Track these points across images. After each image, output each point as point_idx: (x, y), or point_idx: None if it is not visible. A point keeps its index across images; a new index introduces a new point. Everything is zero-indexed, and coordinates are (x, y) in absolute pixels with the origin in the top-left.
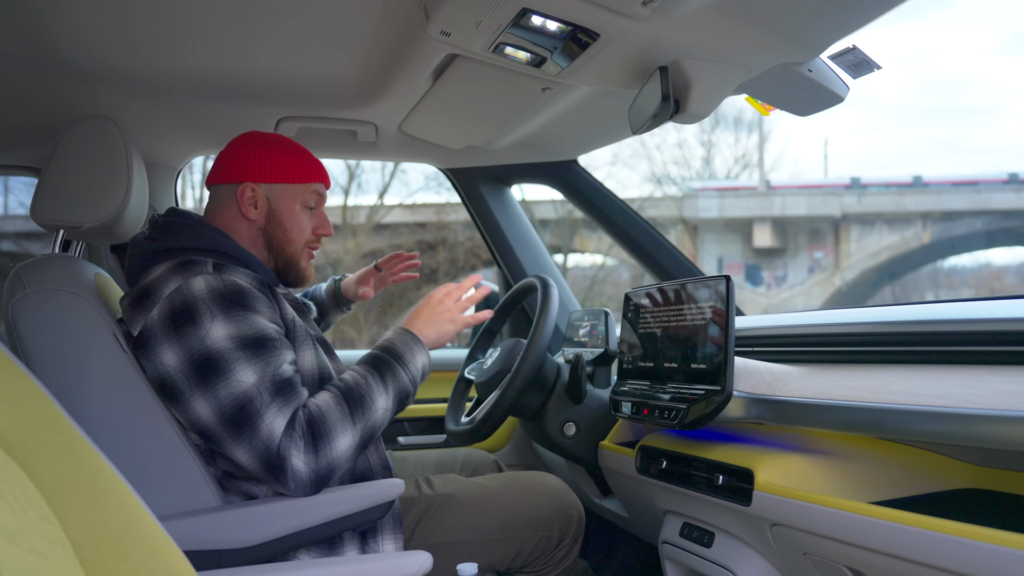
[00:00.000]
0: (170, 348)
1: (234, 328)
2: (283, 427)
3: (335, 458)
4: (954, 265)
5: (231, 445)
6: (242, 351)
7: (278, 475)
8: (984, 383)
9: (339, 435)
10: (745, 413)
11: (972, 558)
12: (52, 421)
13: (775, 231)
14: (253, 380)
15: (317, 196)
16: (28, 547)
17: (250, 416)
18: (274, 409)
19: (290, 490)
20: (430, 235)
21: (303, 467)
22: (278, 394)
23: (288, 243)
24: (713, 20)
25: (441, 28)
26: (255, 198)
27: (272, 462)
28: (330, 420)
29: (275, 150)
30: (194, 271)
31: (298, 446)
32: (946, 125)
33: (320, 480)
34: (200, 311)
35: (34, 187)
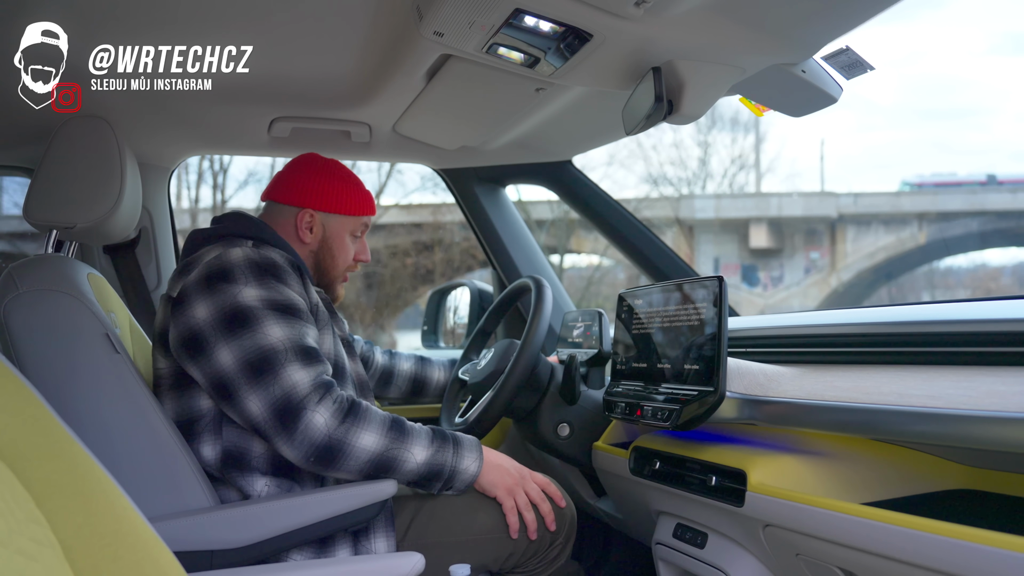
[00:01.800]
0: (202, 303)
1: (265, 292)
2: (309, 382)
3: (353, 443)
4: (950, 266)
5: (247, 393)
6: (271, 311)
7: (288, 424)
8: (976, 384)
9: (369, 431)
10: (738, 414)
11: (964, 559)
12: (42, 422)
13: (771, 232)
14: (280, 336)
15: (364, 227)
16: (17, 549)
17: (272, 365)
18: (297, 366)
19: (293, 444)
20: (426, 236)
21: (323, 426)
22: (303, 356)
23: (333, 268)
24: (706, 21)
25: (434, 28)
26: (312, 224)
27: (288, 410)
28: (370, 416)
29: (339, 182)
30: (234, 244)
31: (328, 407)
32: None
33: (326, 449)
34: (235, 274)
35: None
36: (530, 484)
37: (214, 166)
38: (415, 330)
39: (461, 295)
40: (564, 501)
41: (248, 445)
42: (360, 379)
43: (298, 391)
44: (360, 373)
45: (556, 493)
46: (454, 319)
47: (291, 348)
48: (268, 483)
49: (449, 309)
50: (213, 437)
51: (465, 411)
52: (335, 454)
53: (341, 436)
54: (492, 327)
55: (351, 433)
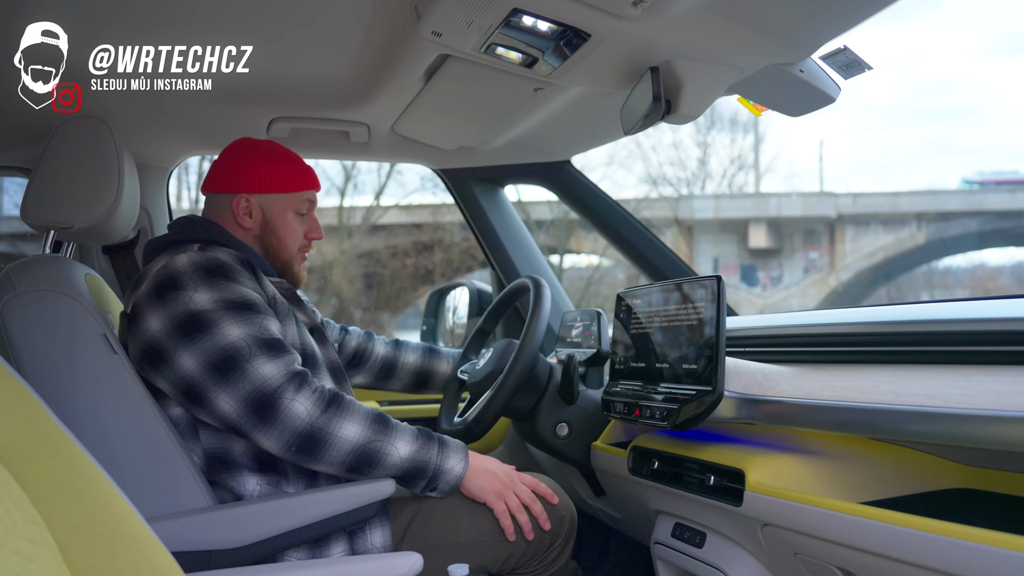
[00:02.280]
0: (155, 314)
1: (216, 294)
2: (280, 374)
3: (334, 432)
4: (949, 266)
5: (216, 394)
6: (226, 311)
7: (265, 416)
8: (973, 383)
9: (351, 422)
10: (736, 413)
11: (962, 558)
12: (39, 423)
13: (770, 232)
14: (239, 334)
15: (309, 203)
16: (13, 549)
17: (237, 362)
18: (264, 359)
19: (272, 436)
20: (426, 236)
21: (304, 414)
22: (268, 349)
23: (283, 250)
24: (704, 20)
25: (432, 28)
26: (250, 208)
27: (262, 403)
28: (352, 407)
29: (269, 160)
30: (180, 250)
31: (307, 395)
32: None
33: (308, 437)
34: (183, 280)
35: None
36: (519, 486)
37: None
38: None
39: (460, 295)
40: (556, 498)
41: (228, 444)
42: (333, 365)
43: (269, 383)
44: (333, 359)
45: (547, 491)
46: (453, 319)
47: (253, 343)
48: (259, 481)
49: (448, 309)
50: (192, 443)
51: (464, 411)
52: (317, 443)
53: (323, 425)
54: (491, 327)
55: (333, 422)
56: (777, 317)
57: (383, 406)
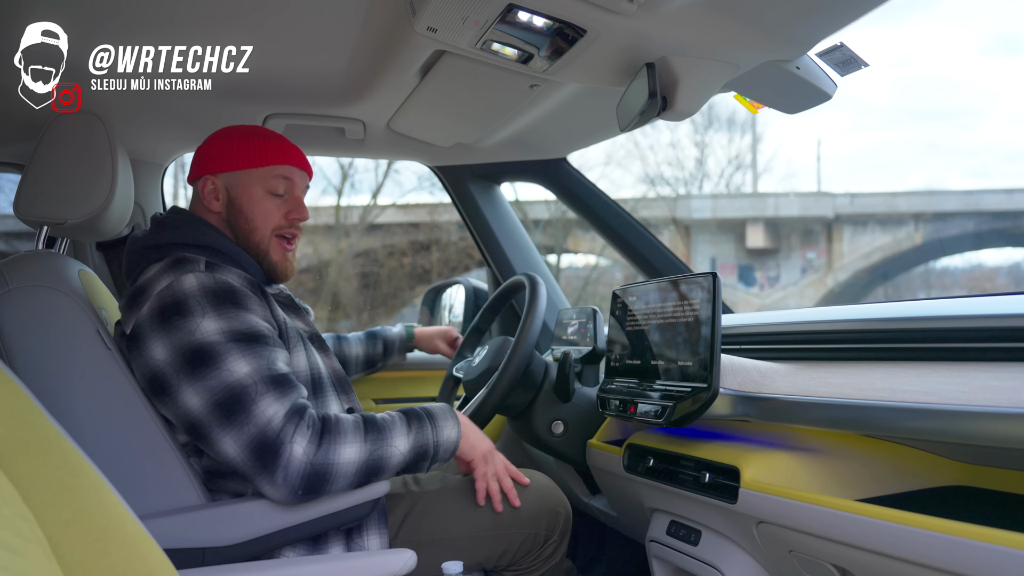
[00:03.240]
0: (159, 342)
1: (225, 323)
2: (283, 414)
3: (336, 461)
4: (946, 266)
5: (220, 435)
6: (234, 343)
7: (269, 463)
8: (968, 379)
9: (348, 443)
10: (732, 411)
11: (958, 555)
12: (30, 418)
13: (768, 232)
14: (246, 371)
15: (285, 181)
16: (2, 544)
17: (243, 403)
18: (270, 398)
19: (276, 484)
20: (423, 235)
21: (301, 456)
22: (274, 386)
23: (252, 231)
24: (700, 17)
25: (427, 24)
26: (216, 190)
27: (266, 448)
28: (343, 427)
29: (233, 139)
30: (186, 269)
31: (303, 434)
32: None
33: (313, 477)
34: (191, 306)
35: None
36: (496, 455)
37: None
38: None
39: (456, 293)
40: (526, 479)
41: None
42: (338, 376)
43: (273, 426)
44: (337, 369)
45: (516, 472)
46: (449, 317)
47: (260, 380)
48: None
49: (444, 307)
50: (194, 458)
51: (459, 408)
52: (322, 479)
53: (323, 459)
54: (486, 325)
55: (331, 452)
56: (772, 314)
57: (379, 404)
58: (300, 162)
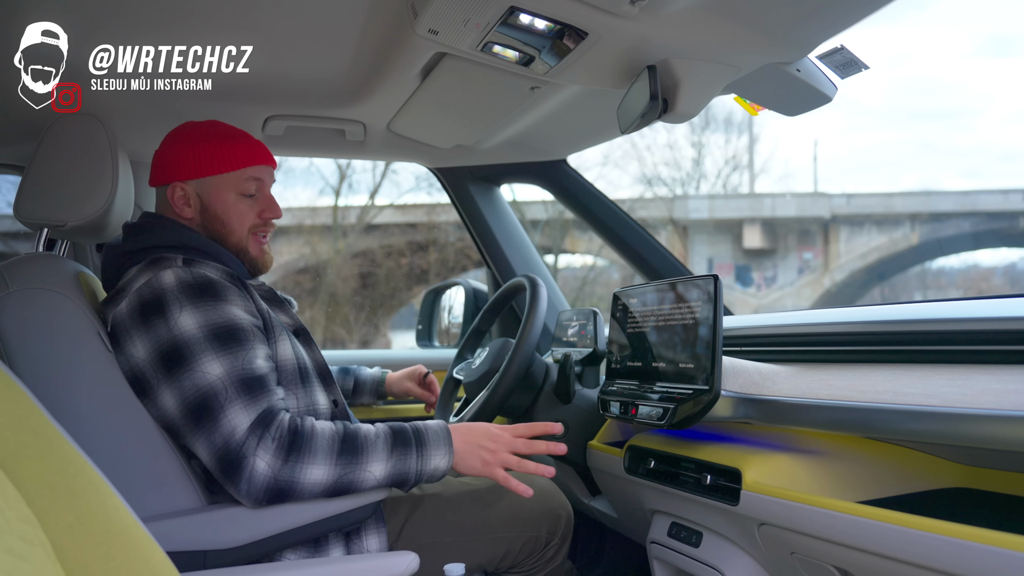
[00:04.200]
0: (139, 339)
1: (203, 317)
2: (248, 424)
3: (300, 480)
4: (942, 266)
5: (193, 439)
6: (210, 342)
7: (232, 474)
8: (971, 382)
9: (315, 463)
10: (733, 413)
11: (959, 557)
12: (33, 421)
13: (765, 232)
14: (219, 373)
15: (255, 181)
16: (6, 548)
17: (211, 410)
18: (239, 406)
19: (241, 494)
20: (421, 236)
21: (266, 469)
22: (245, 391)
23: (229, 234)
24: (701, 19)
25: (429, 26)
26: (186, 196)
27: (229, 459)
28: (316, 444)
29: (199, 143)
30: (163, 266)
31: (267, 447)
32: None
33: (276, 492)
34: (169, 301)
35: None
36: (513, 442)
37: None
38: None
39: (456, 294)
40: (558, 427)
41: None
42: (320, 368)
43: (236, 436)
44: (319, 360)
45: (545, 428)
46: (449, 318)
47: (231, 384)
48: None
49: (444, 308)
50: (197, 460)
51: (460, 410)
52: (286, 493)
53: (287, 476)
54: (487, 326)
55: (296, 470)
56: (774, 316)
57: (379, 406)
58: (267, 159)
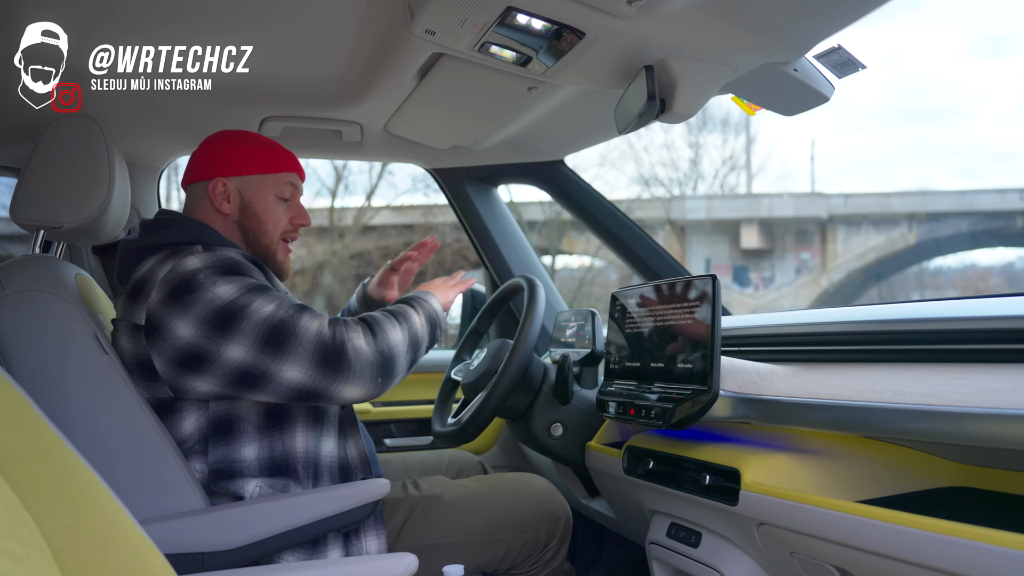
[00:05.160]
0: (182, 320)
1: (238, 284)
2: (328, 322)
3: (393, 345)
4: (940, 266)
5: (279, 367)
6: (251, 293)
7: (339, 363)
8: (969, 381)
9: (389, 328)
10: (732, 413)
11: (958, 556)
12: (30, 424)
13: (762, 232)
14: (273, 307)
15: (291, 187)
16: (3, 551)
17: (287, 330)
18: (307, 316)
19: (355, 381)
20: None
21: (365, 347)
22: (303, 310)
23: (264, 234)
24: (699, 19)
25: (426, 27)
26: (227, 192)
27: (330, 352)
28: (379, 318)
29: (244, 144)
30: (184, 253)
31: (355, 330)
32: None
33: (384, 363)
34: (199, 280)
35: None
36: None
37: None
38: None
39: None
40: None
41: (237, 457)
42: None
43: (325, 333)
44: None
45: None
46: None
47: (288, 307)
48: (260, 483)
49: None
50: (200, 458)
51: (458, 411)
52: (390, 361)
53: (383, 344)
54: (485, 327)
55: (385, 337)
56: (772, 316)
57: (377, 407)
58: (302, 171)
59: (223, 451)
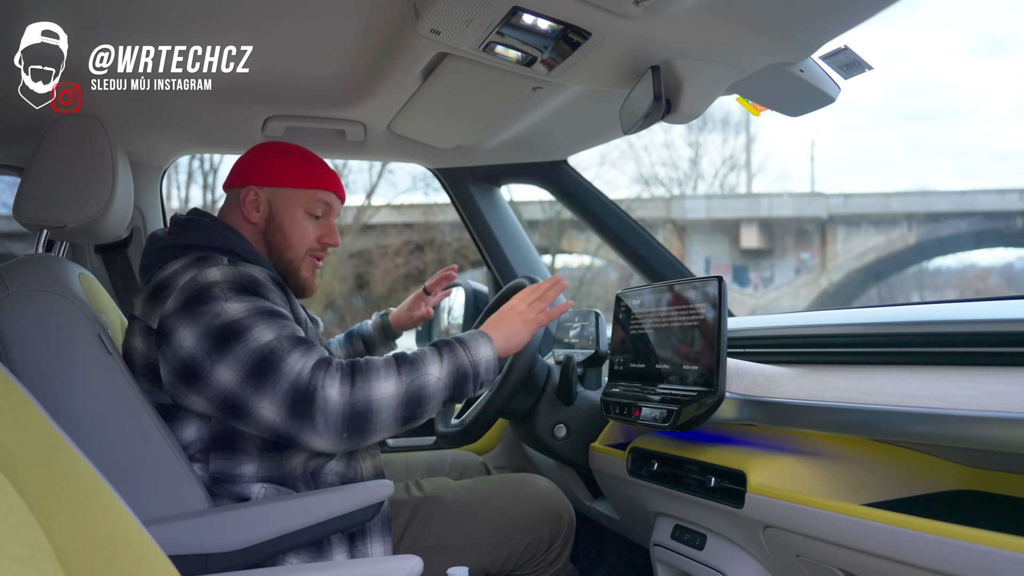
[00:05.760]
0: (187, 329)
1: (249, 304)
2: (311, 365)
3: (374, 396)
4: (939, 266)
5: (257, 401)
6: (259, 317)
7: (306, 412)
8: (978, 384)
9: (381, 378)
10: (738, 415)
11: (965, 560)
12: (35, 425)
13: (762, 232)
14: (272, 336)
15: (324, 205)
16: (9, 554)
17: (273, 363)
18: (297, 354)
19: (319, 431)
20: (418, 236)
21: (337, 396)
22: (299, 343)
23: (287, 248)
24: (705, 20)
25: (431, 26)
26: (257, 201)
27: (300, 398)
28: (373, 365)
29: (282, 155)
30: (209, 263)
31: (333, 376)
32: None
33: (355, 416)
34: (214, 293)
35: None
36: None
37: (204, 166)
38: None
39: (455, 295)
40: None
41: (237, 472)
42: None
43: (303, 376)
44: None
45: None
46: (448, 320)
47: (285, 339)
48: (264, 485)
49: (443, 309)
50: (201, 466)
51: (461, 412)
52: (364, 416)
53: (361, 396)
54: None
55: (366, 388)
56: (778, 318)
57: None
58: (341, 191)
59: (223, 464)
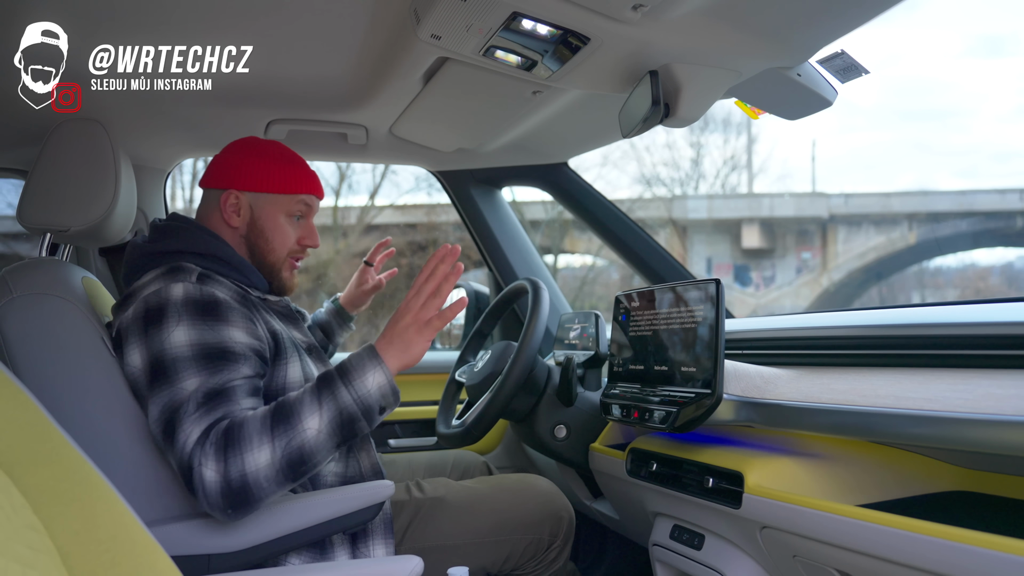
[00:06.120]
0: (137, 348)
1: (196, 335)
2: (196, 436)
3: (248, 472)
4: (939, 266)
5: (168, 453)
6: (195, 360)
7: (191, 490)
8: (973, 387)
9: (253, 448)
10: (735, 416)
11: (960, 561)
12: (39, 428)
13: (763, 232)
14: (191, 388)
15: (304, 207)
16: (13, 556)
17: (173, 425)
18: (194, 418)
19: (204, 507)
20: (420, 236)
21: (212, 475)
22: (205, 403)
23: (269, 252)
24: (703, 25)
25: (432, 31)
26: (238, 206)
27: (184, 476)
28: (247, 431)
29: (264, 159)
30: (177, 278)
31: (207, 454)
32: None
33: (234, 493)
34: (168, 314)
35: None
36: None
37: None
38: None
39: (457, 296)
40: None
41: None
42: None
43: (186, 451)
44: None
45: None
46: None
47: (197, 398)
48: None
49: None
50: None
51: (462, 413)
52: (244, 490)
53: (235, 473)
54: (489, 329)
55: (239, 463)
56: (776, 320)
57: None
58: (321, 192)
59: None
